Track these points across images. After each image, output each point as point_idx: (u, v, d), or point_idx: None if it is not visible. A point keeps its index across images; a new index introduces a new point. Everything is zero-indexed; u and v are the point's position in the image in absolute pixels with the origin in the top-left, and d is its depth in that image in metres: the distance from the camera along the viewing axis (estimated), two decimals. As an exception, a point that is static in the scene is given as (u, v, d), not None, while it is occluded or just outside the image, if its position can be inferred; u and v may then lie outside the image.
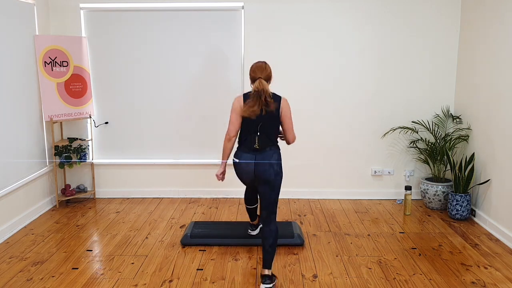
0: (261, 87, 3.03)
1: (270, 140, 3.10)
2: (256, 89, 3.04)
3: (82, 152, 4.66)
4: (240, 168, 3.11)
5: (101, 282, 2.97)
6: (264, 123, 3.08)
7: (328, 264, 3.25)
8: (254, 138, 3.08)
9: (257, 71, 3.10)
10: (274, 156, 3.08)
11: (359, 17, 4.54)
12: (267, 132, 3.09)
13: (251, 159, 3.06)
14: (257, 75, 3.09)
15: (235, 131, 3.13)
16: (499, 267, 3.19)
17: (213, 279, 3.02)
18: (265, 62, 3.16)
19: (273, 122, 3.11)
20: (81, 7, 4.57)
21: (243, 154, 3.09)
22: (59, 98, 4.46)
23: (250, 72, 3.15)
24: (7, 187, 3.80)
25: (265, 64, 3.13)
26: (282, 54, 4.61)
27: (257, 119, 3.06)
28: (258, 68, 3.11)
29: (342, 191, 4.84)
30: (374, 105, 4.69)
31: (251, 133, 3.09)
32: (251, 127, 3.08)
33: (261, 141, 3.08)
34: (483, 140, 4.07)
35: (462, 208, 4.09)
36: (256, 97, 3.02)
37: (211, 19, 4.59)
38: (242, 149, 3.12)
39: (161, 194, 4.89)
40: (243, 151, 3.10)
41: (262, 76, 3.08)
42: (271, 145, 3.10)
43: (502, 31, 3.75)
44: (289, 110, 3.14)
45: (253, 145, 3.07)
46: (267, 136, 3.09)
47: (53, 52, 4.38)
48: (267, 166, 3.05)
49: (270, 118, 3.09)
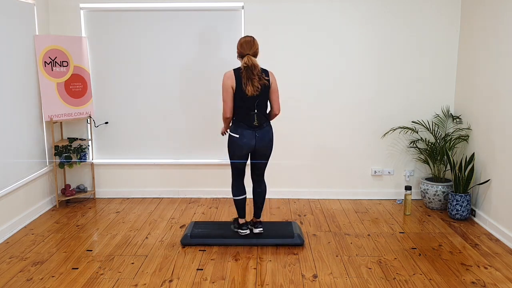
0: (251, 63, 3.16)
1: (264, 116, 3.36)
2: (245, 65, 3.15)
3: (82, 152, 4.66)
4: (241, 144, 3.31)
5: (101, 282, 2.97)
6: (259, 100, 3.25)
7: (328, 264, 3.25)
8: (253, 116, 3.27)
9: (245, 46, 3.20)
10: (270, 131, 3.41)
11: (359, 17, 4.54)
12: (262, 109, 3.32)
13: (252, 135, 3.32)
14: (246, 51, 3.20)
15: (230, 111, 3.28)
16: (499, 267, 3.19)
17: (213, 279, 3.02)
18: (253, 37, 3.26)
19: (266, 98, 3.31)
20: (81, 7, 4.57)
21: (244, 131, 3.30)
22: (59, 98, 4.46)
23: (238, 46, 3.25)
24: (7, 187, 3.80)
25: (253, 40, 3.23)
26: (282, 54, 4.61)
27: (253, 97, 3.22)
28: (247, 43, 3.20)
29: (342, 191, 4.84)
30: (374, 105, 4.69)
31: (249, 110, 3.24)
32: (247, 104, 3.22)
33: (259, 118, 3.30)
34: (483, 140, 4.07)
35: (462, 208, 4.09)
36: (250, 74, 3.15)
37: (211, 19, 4.59)
38: (241, 125, 3.29)
39: (161, 194, 4.89)
40: (243, 128, 3.29)
41: (250, 53, 3.20)
42: (266, 120, 3.37)
43: (502, 31, 3.75)
44: (276, 83, 3.37)
45: (252, 123, 3.29)
46: (262, 112, 3.32)
47: (53, 52, 4.38)
48: (267, 141, 3.38)
49: (264, 95, 3.27)
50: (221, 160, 4.82)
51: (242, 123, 3.29)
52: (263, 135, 3.34)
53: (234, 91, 3.24)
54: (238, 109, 3.27)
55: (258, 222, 3.61)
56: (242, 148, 3.35)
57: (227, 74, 3.22)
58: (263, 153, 3.42)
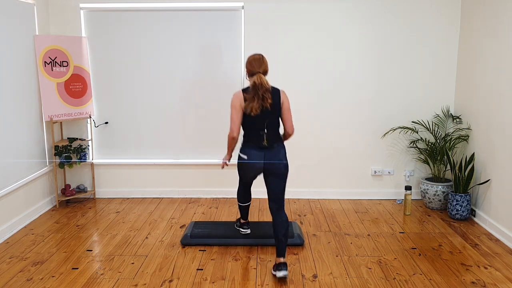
0: (259, 82, 3.02)
1: (276, 136, 3.14)
2: (254, 84, 3.03)
3: (82, 152, 4.66)
4: (248, 165, 3.12)
5: (101, 282, 2.97)
6: (269, 120, 3.08)
7: (328, 264, 3.25)
8: (262, 136, 3.08)
9: (254, 64, 3.08)
10: (281, 151, 3.13)
11: (359, 17, 4.54)
12: (273, 128, 3.12)
13: (261, 156, 3.09)
14: (255, 69, 3.07)
15: (237, 130, 3.12)
16: (499, 267, 3.19)
17: (213, 279, 3.02)
18: (261, 55, 3.14)
19: (277, 117, 3.13)
20: (81, 7, 4.57)
21: (252, 151, 3.10)
22: (59, 98, 4.46)
23: (246, 64, 3.12)
24: (7, 187, 3.80)
25: (262, 57, 3.11)
26: (282, 54, 4.61)
27: (262, 115, 3.06)
28: (256, 61, 3.08)
29: (342, 191, 4.83)
30: (374, 105, 4.69)
31: (258, 130, 3.08)
32: (256, 123, 3.07)
33: (269, 138, 3.10)
34: (483, 140, 4.07)
35: (462, 208, 4.09)
36: (255, 92, 3.02)
37: (211, 19, 4.59)
38: (249, 145, 3.11)
39: (161, 194, 4.89)
40: (251, 148, 3.10)
41: (260, 70, 3.07)
42: (278, 140, 3.14)
43: (502, 31, 3.75)
44: (288, 102, 3.18)
45: (261, 143, 3.09)
46: (273, 132, 3.12)
47: (53, 52, 4.38)
48: (277, 162, 3.09)
49: (274, 114, 3.10)
50: (221, 160, 4.82)
51: (250, 143, 3.12)
52: (273, 156, 3.09)
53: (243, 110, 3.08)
54: (248, 129, 3.12)
55: (282, 263, 3.01)
56: (249, 170, 3.14)
57: (236, 94, 3.09)
58: (275, 174, 3.09)
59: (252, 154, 3.09)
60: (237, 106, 3.06)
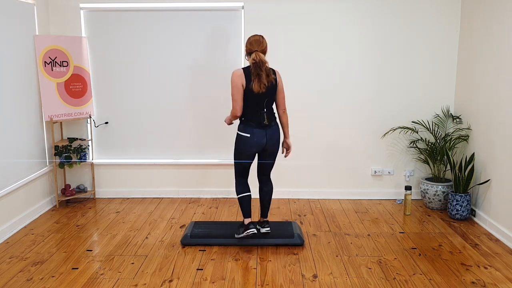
0: (258, 59, 3.16)
1: (273, 114, 3.35)
2: (253, 61, 3.16)
3: (82, 152, 4.66)
4: (252, 143, 3.29)
5: (101, 282, 2.97)
6: (268, 98, 3.25)
7: (328, 264, 3.25)
8: (262, 115, 3.26)
9: (254, 44, 3.22)
10: (278, 130, 3.40)
11: (359, 17, 4.54)
12: (270, 107, 3.30)
13: (263, 134, 3.30)
14: (254, 48, 3.21)
15: (241, 109, 3.25)
16: (499, 267, 3.19)
17: (213, 279, 3.02)
18: (261, 35, 3.29)
19: (273, 96, 3.31)
20: (81, 7, 4.57)
21: (254, 130, 3.28)
22: (59, 98, 4.46)
23: (246, 44, 3.27)
24: (7, 187, 3.80)
25: (262, 38, 3.25)
26: (282, 54, 4.61)
27: (262, 94, 3.20)
28: (256, 41, 3.23)
29: (342, 191, 4.84)
30: (374, 105, 4.69)
31: (258, 109, 3.23)
32: (257, 103, 3.21)
33: (268, 117, 3.29)
34: (483, 140, 4.07)
35: (462, 208, 4.09)
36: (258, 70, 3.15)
37: (211, 19, 4.59)
38: (251, 125, 3.28)
39: (161, 194, 4.89)
40: (253, 127, 3.28)
41: (259, 49, 3.21)
42: (274, 119, 3.36)
43: (502, 31, 3.75)
44: (282, 82, 3.39)
45: (262, 122, 3.27)
46: (271, 110, 3.31)
47: (53, 52, 4.38)
48: (275, 140, 3.38)
49: (272, 93, 3.26)
50: (221, 160, 4.82)
51: (251, 122, 3.27)
52: (273, 134, 3.34)
53: (244, 89, 3.21)
54: (248, 108, 3.24)
55: (265, 221, 3.59)
56: (251, 147, 3.33)
57: (236, 72, 3.19)
58: (271, 152, 3.42)
59: (256, 133, 3.27)
60: (239, 85, 3.17)
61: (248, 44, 3.25)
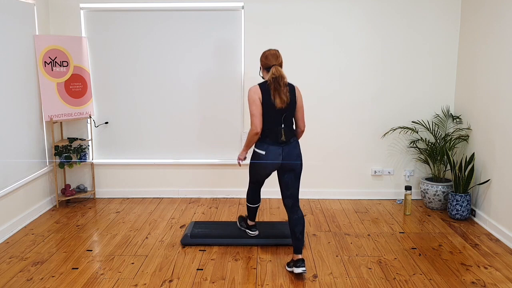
0: (278, 74, 3.03)
1: (292, 131, 3.15)
2: (273, 76, 3.03)
3: (82, 152, 4.66)
4: (266, 161, 3.10)
5: (101, 282, 2.97)
6: (287, 114, 3.09)
7: (328, 264, 3.25)
8: (280, 131, 3.08)
9: (270, 58, 3.09)
10: (298, 147, 3.17)
11: (359, 17, 4.54)
12: (289, 123, 3.13)
13: (279, 152, 3.09)
14: (271, 62, 3.08)
15: (261, 125, 3.07)
16: (499, 267, 3.19)
17: (213, 279, 3.02)
18: (277, 50, 3.15)
19: (292, 112, 3.13)
20: (81, 7, 4.57)
21: (270, 147, 3.09)
22: (59, 98, 4.46)
23: (262, 58, 3.13)
24: (7, 187, 3.80)
25: (278, 52, 3.12)
26: (282, 54, 4.61)
27: (281, 110, 3.06)
28: (272, 55, 3.09)
29: (342, 191, 4.84)
30: (374, 105, 4.69)
31: (276, 125, 3.07)
32: (274, 118, 3.07)
33: (286, 133, 3.11)
34: (483, 140, 4.07)
35: (462, 208, 4.09)
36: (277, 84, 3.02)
37: (211, 19, 4.59)
38: (267, 141, 3.10)
39: (161, 194, 4.89)
40: (269, 143, 3.09)
41: (277, 63, 3.08)
42: (293, 135, 3.16)
43: (502, 31, 3.75)
44: (302, 99, 3.21)
45: (280, 138, 3.08)
46: (289, 127, 3.13)
47: (53, 52, 4.38)
48: (295, 157, 3.11)
49: (291, 109, 3.11)
50: (221, 160, 4.82)
51: (268, 138, 3.09)
52: (290, 151, 3.10)
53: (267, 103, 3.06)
54: (265, 125, 3.09)
55: (300, 260, 3.04)
56: (267, 166, 3.13)
57: (253, 88, 3.06)
58: (291, 169, 3.11)
59: (271, 150, 3.08)
60: (257, 100, 3.03)
61: (263, 58, 3.12)
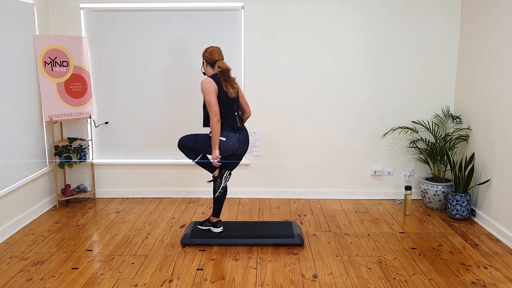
0: (225, 67, 3.40)
1: (241, 118, 3.55)
2: (220, 69, 3.38)
3: (82, 152, 4.66)
4: (226, 147, 3.40)
5: (101, 282, 2.97)
6: (237, 102, 3.46)
7: (328, 264, 3.25)
8: (235, 118, 3.44)
9: (214, 53, 3.42)
10: (247, 132, 3.56)
11: (359, 17, 4.54)
12: (238, 110, 3.50)
13: (236, 138, 3.44)
14: (215, 57, 3.41)
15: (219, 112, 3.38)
16: (499, 267, 3.19)
17: (213, 279, 3.02)
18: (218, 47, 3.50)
19: (239, 100, 3.51)
20: (81, 7, 4.57)
21: (229, 134, 3.41)
22: (59, 98, 4.46)
23: (206, 54, 3.44)
24: (7, 187, 3.80)
25: (219, 48, 3.47)
26: (282, 53, 4.61)
27: (233, 99, 3.42)
28: (215, 51, 3.43)
29: (342, 191, 4.83)
30: (374, 105, 4.69)
31: (230, 113, 3.41)
32: (229, 107, 3.39)
33: (240, 120, 3.49)
34: (483, 140, 4.07)
35: (462, 208, 4.09)
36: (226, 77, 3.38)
37: (211, 19, 4.59)
38: (226, 128, 3.41)
39: (161, 194, 4.89)
40: (228, 130, 3.41)
41: (220, 58, 3.43)
42: (243, 122, 3.56)
43: (502, 31, 3.75)
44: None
45: (236, 125, 3.44)
46: (240, 114, 3.52)
47: (53, 52, 4.38)
48: (247, 143, 3.55)
49: (237, 97, 3.47)
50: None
51: (226, 126, 3.40)
52: (245, 137, 3.52)
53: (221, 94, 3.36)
54: (221, 113, 3.38)
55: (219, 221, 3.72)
56: (226, 151, 3.44)
57: (208, 80, 3.35)
58: (241, 154, 3.60)
59: (231, 136, 3.40)
60: (213, 90, 3.32)
61: (208, 54, 3.41)
